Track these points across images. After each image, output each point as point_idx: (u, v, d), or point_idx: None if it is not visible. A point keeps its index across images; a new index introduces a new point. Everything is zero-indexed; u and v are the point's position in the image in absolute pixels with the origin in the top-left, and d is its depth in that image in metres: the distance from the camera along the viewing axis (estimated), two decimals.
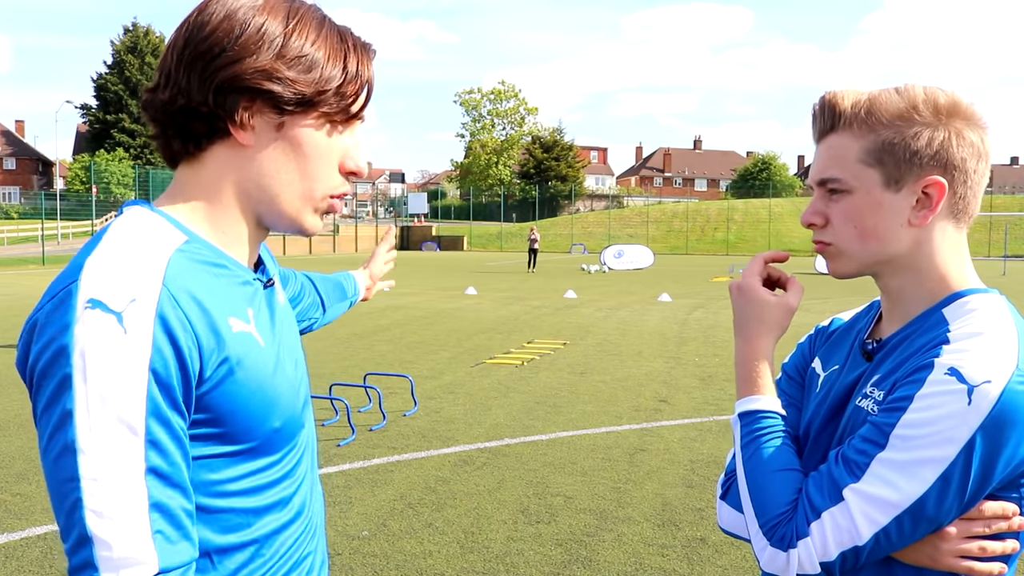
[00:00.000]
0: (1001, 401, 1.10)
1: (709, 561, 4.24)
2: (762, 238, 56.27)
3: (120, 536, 0.91)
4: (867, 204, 1.24)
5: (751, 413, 1.30)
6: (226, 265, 1.11)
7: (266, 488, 1.13)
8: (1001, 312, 1.21)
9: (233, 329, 1.06)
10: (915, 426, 1.13)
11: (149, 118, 1.12)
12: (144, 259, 1.01)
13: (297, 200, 1.14)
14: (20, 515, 4.80)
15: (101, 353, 0.93)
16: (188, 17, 1.10)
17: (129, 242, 1.03)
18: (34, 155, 78.55)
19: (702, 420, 7.22)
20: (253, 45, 1.06)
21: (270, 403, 1.10)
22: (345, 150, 1.16)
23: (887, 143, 1.21)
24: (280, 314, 1.22)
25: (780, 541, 1.19)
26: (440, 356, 10.55)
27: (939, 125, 1.21)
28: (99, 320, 0.94)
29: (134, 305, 0.95)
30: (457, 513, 4.89)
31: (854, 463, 1.17)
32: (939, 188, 1.21)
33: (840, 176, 1.24)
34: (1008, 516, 1.17)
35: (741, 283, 1.37)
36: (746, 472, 1.27)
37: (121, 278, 0.97)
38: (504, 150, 75.97)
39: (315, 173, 1.13)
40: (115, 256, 1.00)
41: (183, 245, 1.06)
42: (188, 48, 1.07)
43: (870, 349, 1.32)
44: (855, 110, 1.24)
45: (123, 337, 0.94)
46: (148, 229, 1.07)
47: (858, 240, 1.26)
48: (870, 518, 1.14)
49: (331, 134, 1.14)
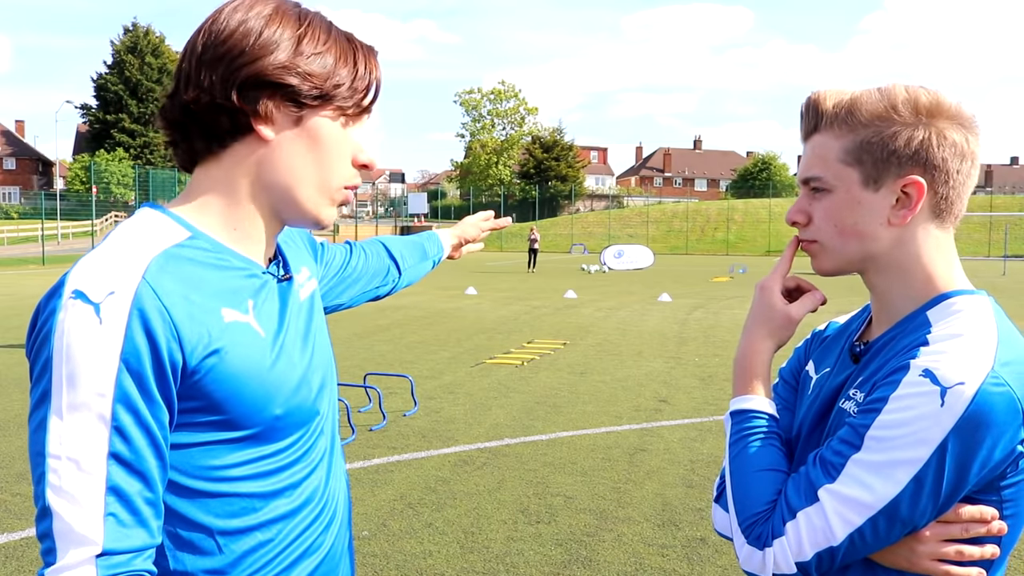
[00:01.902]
0: (975, 403, 1.09)
1: (709, 561, 4.24)
2: (762, 238, 56.28)
3: (74, 514, 0.98)
4: (846, 203, 1.25)
5: (742, 412, 1.31)
6: (228, 259, 1.17)
7: (273, 474, 1.17)
8: (984, 314, 1.21)
9: (225, 319, 1.11)
10: (889, 427, 1.13)
11: (167, 123, 1.18)
12: (130, 255, 1.08)
13: (315, 192, 1.20)
14: (20, 515, 4.80)
15: (77, 340, 1.00)
16: (203, 25, 1.17)
17: (124, 240, 1.11)
18: (34, 155, 78.54)
19: (702, 420, 7.22)
20: (272, 45, 1.13)
21: (269, 391, 1.15)
22: (357, 144, 1.23)
23: (865, 142, 1.22)
24: (295, 307, 1.27)
25: (756, 540, 1.20)
26: (440, 356, 10.55)
27: (919, 125, 1.21)
28: (79, 310, 1.02)
29: (112, 297, 1.02)
30: (457, 513, 4.89)
31: (830, 464, 1.17)
32: (918, 188, 1.21)
33: (822, 175, 1.26)
34: (987, 520, 1.17)
35: (763, 282, 1.38)
36: (731, 470, 1.28)
37: (103, 272, 1.05)
38: (504, 150, 75.91)
39: (331, 164, 1.20)
40: (104, 253, 1.08)
41: (184, 241, 1.13)
42: (208, 52, 1.14)
43: (857, 351, 1.33)
44: (836, 110, 1.25)
45: (98, 327, 1.01)
46: (149, 228, 1.14)
47: (838, 238, 1.27)
48: (844, 519, 1.14)
49: (345, 127, 1.20)
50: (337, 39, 1.20)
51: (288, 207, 1.21)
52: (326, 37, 1.18)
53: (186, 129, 1.17)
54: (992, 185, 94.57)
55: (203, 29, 1.16)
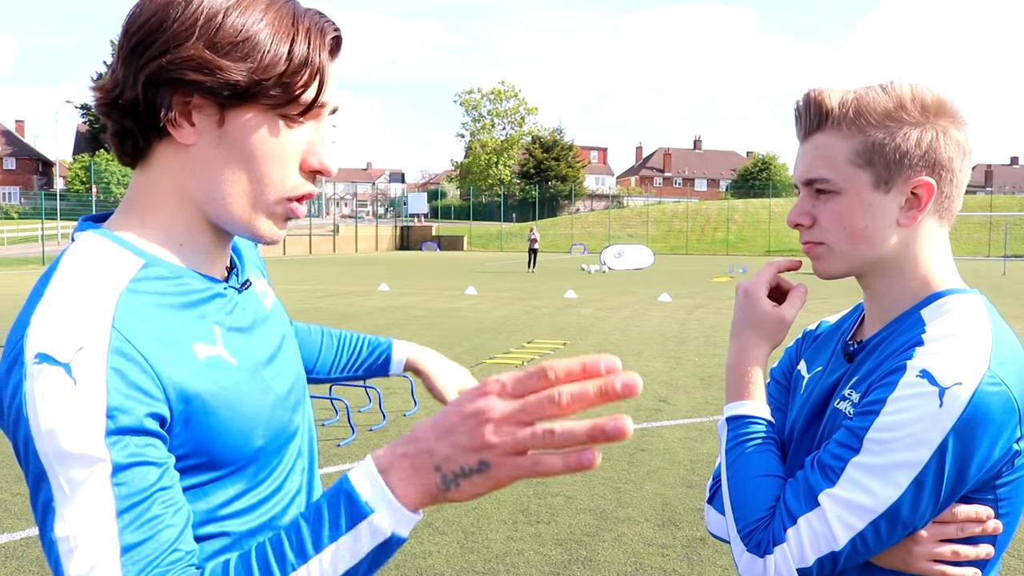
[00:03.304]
0: (972, 403, 1.09)
1: (709, 561, 4.25)
2: (762, 238, 56.26)
3: None
4: (857, 205, 1.22)
5: (738, 418, 1.29)
6: (188, 283, 1.03)
7: (256, 507, 1.08)
8: (977, 313, 1.20)
9: (199, 356, 0.99)
10: (888, 429, 1.12)
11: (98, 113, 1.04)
12: (90, 302, 0.93)
13: (247, 205, 1.03)
14: (20, 515, 4.80)
15: (52, 409, 0.87)
16: (132, 6, 1.02)
17: (74, 284, 0.95)
18: (34, 155, 78.60)
19: (702, 420, 7.22)
20: (184, 32, 0.97)
21: (249, 424, 1.04)
22: (308, 146, 1.04)
23: (877, 144, 1.20)
24: (260, 320, 1.15)
25: (757, 547, 1.18)
26: None
27: (927, 124, 1.20)
28: (47, 375, 0.88)
29: (82, 353, 0.89)
30: (457, 513, 4.89)
31: (829, 468, 1.16)
32: (928, 189, 1.21)
33: (829, 176, 1.23)
34: (982, 520, 1.16)
35: (748, 287, 1.35)
36: (729, 477, 1.27)
37: (65, 327, 0.91)
38: (504, 150, 75.95)
39: (265, 174, 1.02)
40: (59, 303, 0.93)
41: (138, 273, 0.99)
42: (125, 40, 1.00)
43: (851, 351, 1.32)
44: (843, 109, 1.21)
45: (72, 389, 0.88)
46: (97, 263, 0.99)
47: (847, 241, 1.24)
48: (846, 523, 1.13)
49: (287, 128, 1.02)
50: (277, 19, 1.00)
51: (221, 220, 1.04)
52: (260, 16, 0.99)
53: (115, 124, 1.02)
54: (992, 185, 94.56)
55: (131, 9, 1.01)
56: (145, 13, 0.99)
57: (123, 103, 0.99)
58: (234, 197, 1.02)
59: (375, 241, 54.75)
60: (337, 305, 16.70)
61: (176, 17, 0.97)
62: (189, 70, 0.97)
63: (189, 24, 0.97)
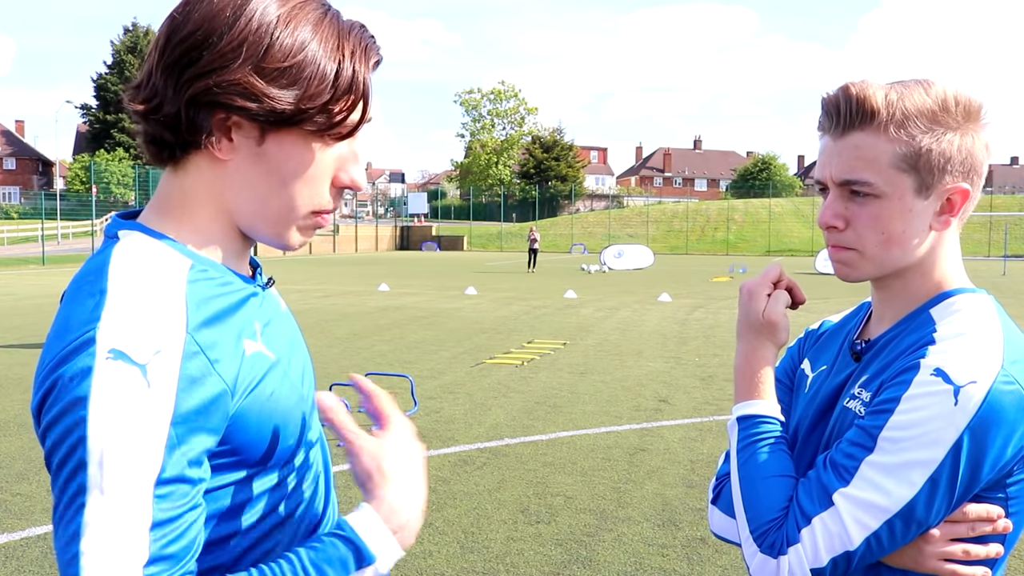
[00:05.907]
0: (987, 401, 1.09)
1: (709, 561, 4.25)
2: (762, 238, 56.25)
3: None
4: (898, 210, 1.19)
5: (749, 417, 1.28)
6: (231, 282, 1.04)
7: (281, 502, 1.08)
8: (987, 312, 1.20)
9: (247, 352, 1.00)
10: (903, 428, 1.12)
11: (132, 117, 1.05)
12: (162, 303, 0.93)
13: (280, 220, 1.05)
14: (20, 515, 4.80)
15: (122, 406, 0.87)
16: (174, 10, 1.00)
17: (141, 282, 0.95)
18: (34, 155, 78.60)
19: (702, 420, 7.22)
20: (231, 53, 0.96)
21: (285, 418, 1.05)
22: (340, 163, 1.06)
23: (924, 150, 1.16)
24: (281, 315, 1.16)
25: (770, 548, 1.17)
26: (440, 356, 10.54)
27: (966, 129, 1.18)
28: (122, 372, 0.88)
29: (159, 357, 0.89)
30: (457, 513, 4.89)
31: (843, 467, 1.15)
32: (963, 195, 1.20)
33: (872, 180, 1.18)
34: (993, 519, 1.16)
35: (751, 287, 1.34)
36: (740, 477, 1.25)
37: (143, 328, 0.91)
38: (504, 150, 75.92)
39: (299, 192, 1.03)
40: (132, 301, 0.93)
41: (190, 272, 0.99)
42: (167, 49, 0.98)
43: (859, 350, 1.31)
44: (889, 110, 1.16)
45: (146, 391, 0.88)
46: (153, 262, 0.98)
47: (883, 246, 1.21)
48: (861, 523, 1.12)
49: (322, 148, 1.03)
50: (324, 42, 0.99)
51: (250, 230, 1.07)
52: (308, 37, 0.98)
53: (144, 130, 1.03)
54: (992, 185, 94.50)
55: (173, 15, 0.99)
56: (189, 24, 0.97)
57: (163, 117, 0.99)
58: (267, 212, 1.04)
59: (375, 241, 54.72)
60: (337, 305, 16.70)
61: (223, 33, 0.96)
62: (236, 95, 0.96)
63: (237, 44, 0.96)
